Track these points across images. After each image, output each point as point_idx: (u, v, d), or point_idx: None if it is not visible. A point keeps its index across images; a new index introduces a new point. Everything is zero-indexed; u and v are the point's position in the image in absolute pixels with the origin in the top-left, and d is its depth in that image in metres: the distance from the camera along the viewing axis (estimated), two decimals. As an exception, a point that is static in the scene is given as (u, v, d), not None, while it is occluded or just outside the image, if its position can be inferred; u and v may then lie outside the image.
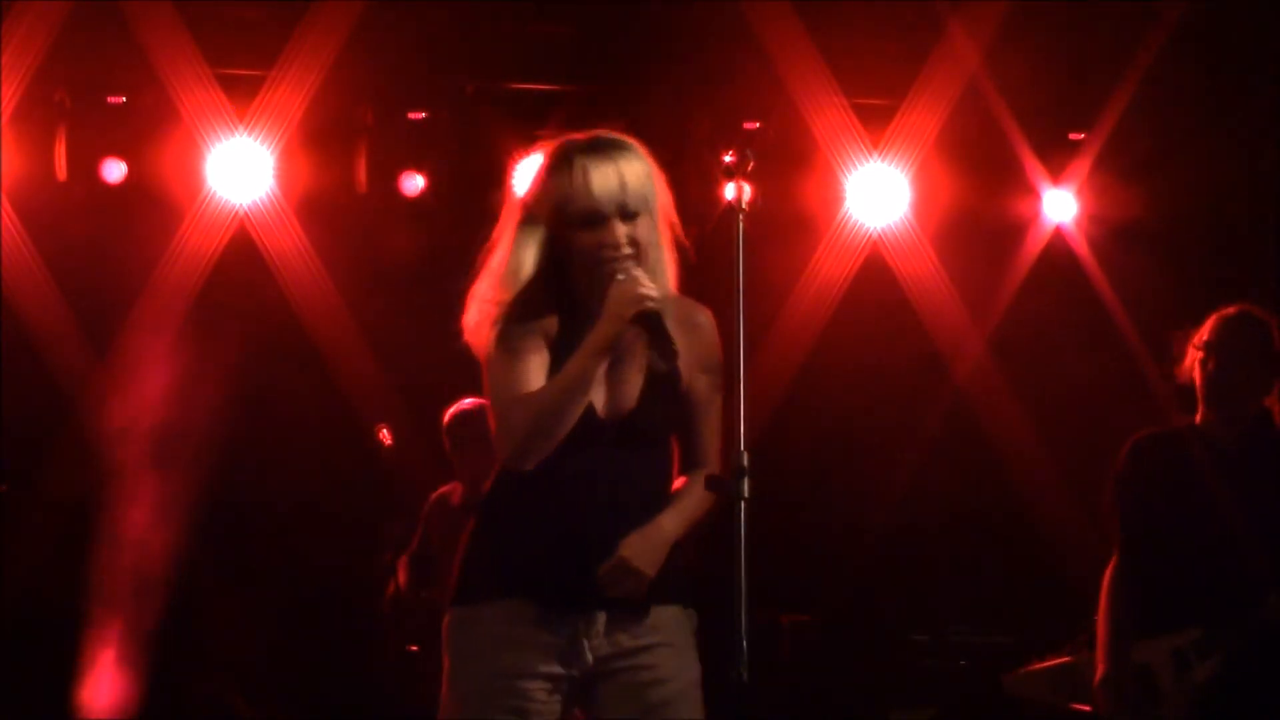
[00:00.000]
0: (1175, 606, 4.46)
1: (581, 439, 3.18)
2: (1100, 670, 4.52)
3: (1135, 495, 4.61)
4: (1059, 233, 7.82)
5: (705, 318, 3.34)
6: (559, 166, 3.21)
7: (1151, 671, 4.43)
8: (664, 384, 3.26)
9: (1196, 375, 4.57)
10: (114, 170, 7.26)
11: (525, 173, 3.37)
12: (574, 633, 3.19)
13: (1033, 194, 7.80)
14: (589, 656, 3.19)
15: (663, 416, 3.27)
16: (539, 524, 3.20)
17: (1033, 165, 7.77)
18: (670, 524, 3.22)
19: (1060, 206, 7.78)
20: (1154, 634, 4.47)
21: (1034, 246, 7.85)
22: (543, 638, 3.18)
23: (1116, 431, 7.32)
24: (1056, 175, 7.77)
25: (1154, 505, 4.57)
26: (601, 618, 3.20)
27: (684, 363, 3.26)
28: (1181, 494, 4.54)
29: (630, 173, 3.20)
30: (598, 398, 3.21)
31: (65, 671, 7.27)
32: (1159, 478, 4.59)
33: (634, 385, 3.25)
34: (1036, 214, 7.82)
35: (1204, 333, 4.57)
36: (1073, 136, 7.73)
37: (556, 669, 3.19)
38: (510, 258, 3.24)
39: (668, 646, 3.24)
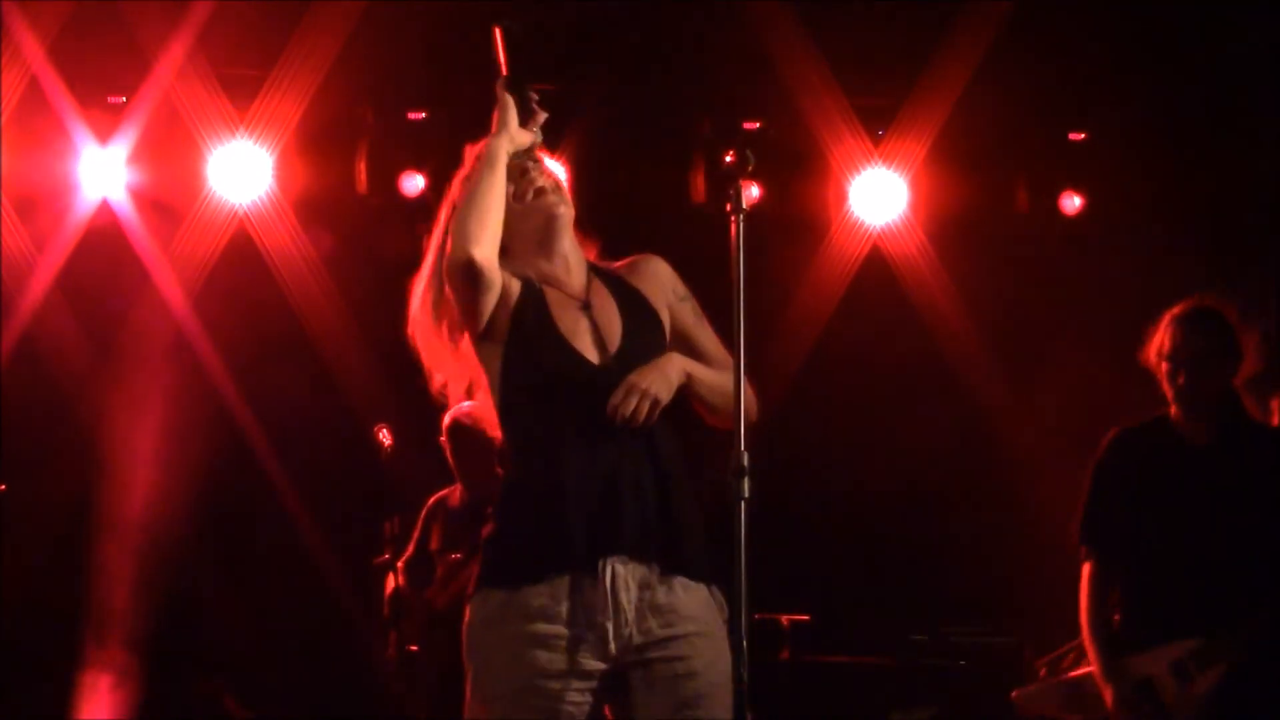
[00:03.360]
0: (1166, 614, 4.46)
1: (582, 389, 3.24)
2: (1108, 693, 4.50)
3: (1115, 491, 4.62)
4: (1058, 230, 7.82)
5: (654, 261, 3.50)
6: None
7: (1154, 685, 4.41)
8: (643, 318, 3.36)
9: (1165, 385, 4.58)
10: (117, 171, 7.26)
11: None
12: (600, 618, 3.17)
13: (1031, 192, 7.80)
14: (612, 646, 3.18)
15: (650, 343, 3.34)
16: (557, 483, 3.21)
17: (1028, 164, 7.78)
18: (682, 360, 3.31)
19: (1057, 204, 7.79)
20: (1150, 645, 4.46)
21: (1033, 244, 7.85)
22: (573, 630, 3.18)
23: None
24: (1052, 174, 7.77)
25: (1135, 502, 4.57)
26: (631, 578, 3.18)
27: (657, 302, 3.40)
28: (1162, 492, 4.54)
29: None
30: (586, 348, 3.29)
31: (65, 671, 7.27)
32: (1138, 474, 4.59)
33: (614, 327, 3.33)
34: (1035, 212, 7.82)
35: (1163, 341, 4.56)
36: (1073, 137, 7.73)
37: (588, 664, 3.18)
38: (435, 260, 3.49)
39: (701, 636, 3.24)
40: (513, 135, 3.36)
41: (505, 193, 3.31)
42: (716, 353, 3.44)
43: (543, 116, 3.42)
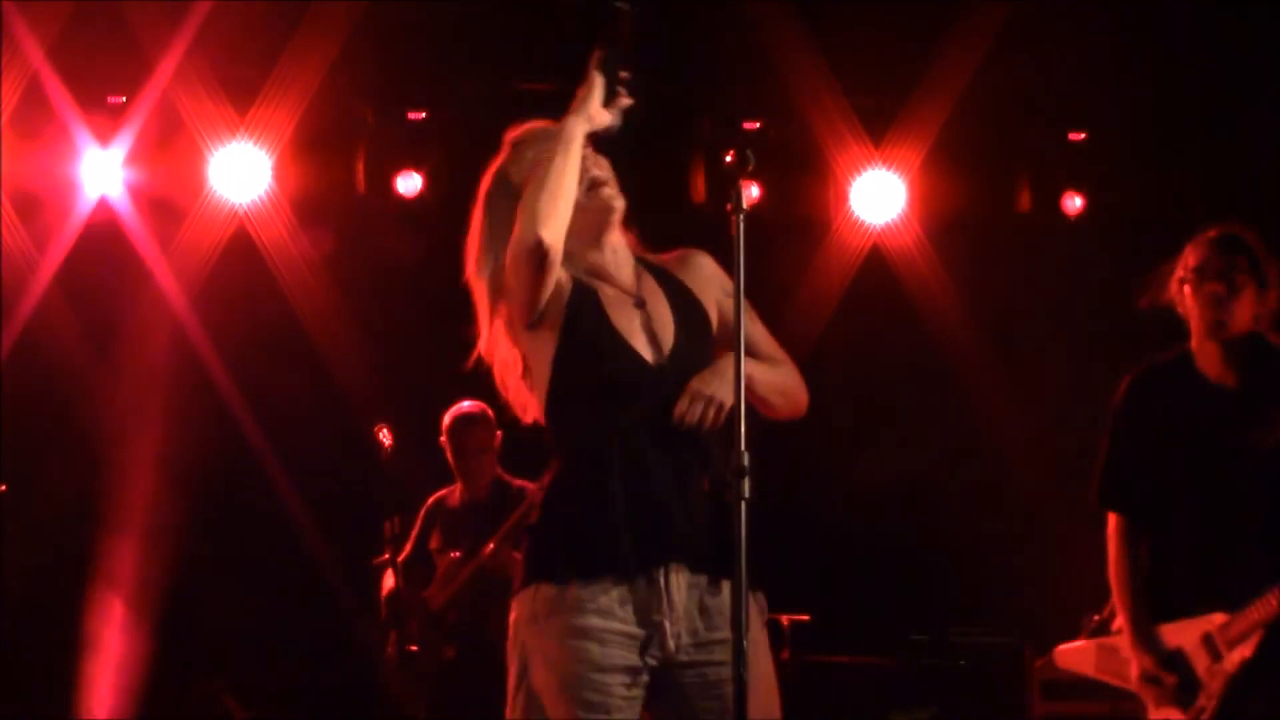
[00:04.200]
0: (1197, 575, 4.28)
1: (639, 390, 3.22)
2: (1134, 664, 4.39)
3: (1136, 441, 4.39)
4: (1058, 230, 7.82)
5: (701, 256, 3.45)
6: (535, 135, 3.39)
7: (1186, 656, 4.32)
8: (694, 316, 3.33)
9: (1190, 302, 4.35)
10: (117, 171, 7.27)
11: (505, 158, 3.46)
12: (656, 617, 3.17)
13: (1031, 192, 7.80)
14: (670, 644, 3.18)
15: (702, 342, 3.32)
16: (612, 487, 3.19)
17: (1028, 164, 7.78)
18: (749, 365, 3.24)
19: (1058, 204, 7.79)
20: (1181, 613, 4.30)
21: (1033, 244, 7.85)
22: (626, 627, 3.17)
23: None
24: (1053, 174, 7.77)
25: (1158, 453, 4.35)
26: (683, 580, 3.18)
27: (706, 298, 3.37)
28: (1187, 442, 4.31)
29: None
30: (642, 348, 3.26)
31: (65, 671, 7.27)
32: (1161, 421, 4.36)
33: (667, 326, 3.31)
34: (1035, 212, 7.82)
35: (1189, 258, 4.35)
36: (1073, 137, 7.73)
37: (639, 660, 3.17)
38: (487, 226, 3.36)
39: (746, 639, 3.21)
40: (592, 115, 3.25)
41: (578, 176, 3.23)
42: (768, 348, 3.43)
43: (627, 101, 3.30)
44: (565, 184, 3.19)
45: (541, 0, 7.14)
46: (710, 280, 3.42)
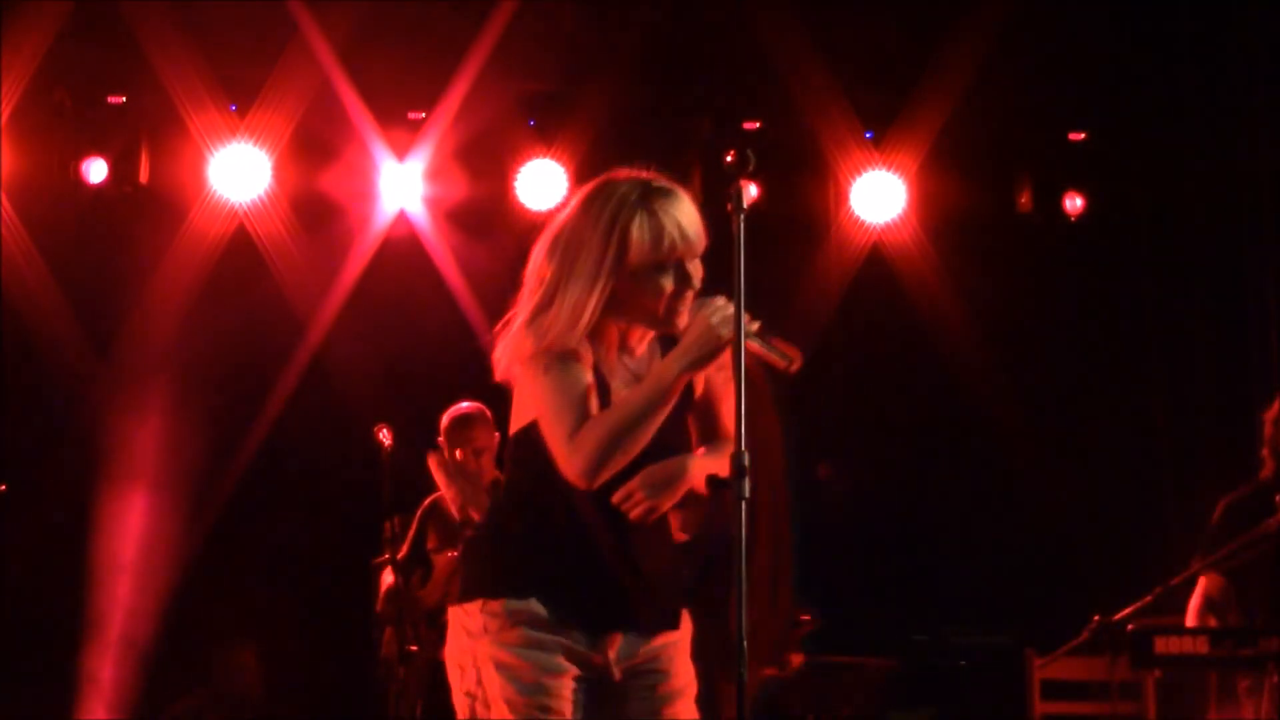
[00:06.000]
0: None
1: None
2: None
3: None
4: (1058, 230, 7.82)
5: None
6: (645, 215, 3.29)
7: None
8: (682, 404, 3.32)
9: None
10: (116, 170, 7.28)
11: (593, 218, 3.30)
12: (603, 645, 3.25)
13: (1032, 193, 7.80)
14: (616, 671, 3.26)
15: (684, 426, 3.36)
16: (577, 536, 3.25)
17: (1028, 164, 7.78)
18: (690, 461, 3.28)
19: (1058, 204, 7.79)
20: None
21: (1034, 244, 7.85)
22: (576, 646, 3.23)
23: (1119, 430, 7.31)
24: (1053, 174, 7.77)
25: None
26: (620, 639, 3.27)
27: (697, 379, 3.37)
28: None
29: (697, 214, 3.33)
30: None
31: (65, 671, 7.27)
32: None
33: None
34: (1035, 212, 7.82)
35: None
36: (1073, 137, 7.74)
37: (587, 671, 3.25)
38: (582, 303, 3.21)
39: (675, 645, 3.35)
40: (695, 372, 3.20)
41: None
42: (726, 429, 3.40)
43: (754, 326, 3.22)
44: (649, 435, 3.17)
45: (541, 1, 7.15)
46: None
